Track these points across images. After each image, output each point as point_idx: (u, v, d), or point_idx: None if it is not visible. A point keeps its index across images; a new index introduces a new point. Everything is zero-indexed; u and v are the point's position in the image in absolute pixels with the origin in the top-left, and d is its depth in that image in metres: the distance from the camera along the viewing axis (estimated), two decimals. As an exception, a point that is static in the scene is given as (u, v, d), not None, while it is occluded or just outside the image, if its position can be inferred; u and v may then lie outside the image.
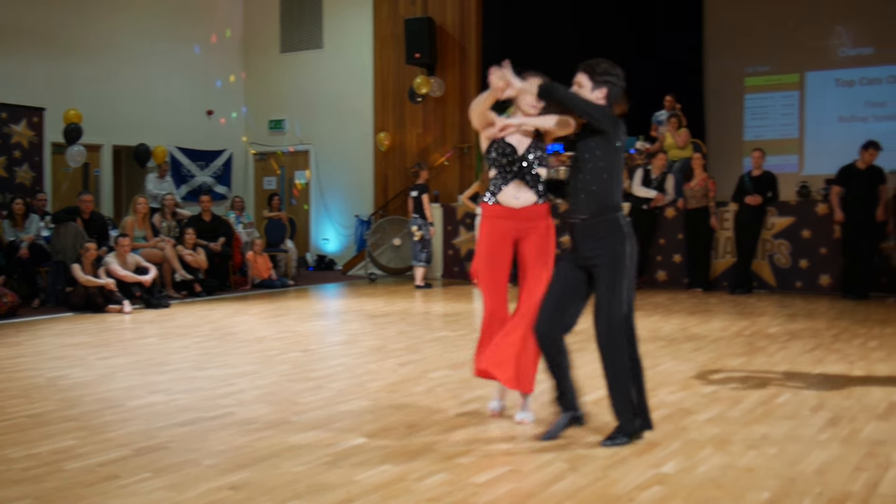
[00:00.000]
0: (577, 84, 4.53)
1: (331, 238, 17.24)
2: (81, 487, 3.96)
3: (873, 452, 4.41)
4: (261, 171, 18.04)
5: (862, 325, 8.75)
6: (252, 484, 3.98)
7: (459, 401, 5.59)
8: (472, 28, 15.56)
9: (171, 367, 6.88)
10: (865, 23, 13.96)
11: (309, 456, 4.41)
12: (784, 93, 14.66)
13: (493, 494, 3.82)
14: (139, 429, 4.97)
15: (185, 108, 16.60)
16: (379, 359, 7.20)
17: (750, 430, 4.81)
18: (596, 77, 4.51)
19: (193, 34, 16.79)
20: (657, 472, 4.11)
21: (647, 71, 14.72)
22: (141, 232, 12.12)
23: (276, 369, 6.76)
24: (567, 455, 4.39)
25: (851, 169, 11.11)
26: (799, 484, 3.94)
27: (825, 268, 11.60)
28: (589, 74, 4.52)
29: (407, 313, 10.20)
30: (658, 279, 12.62)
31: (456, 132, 15.69)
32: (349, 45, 16.80)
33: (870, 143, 11.04)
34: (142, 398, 5.77)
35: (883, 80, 13.94)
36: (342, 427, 4.97)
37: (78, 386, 6.20)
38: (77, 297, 10.48)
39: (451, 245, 14.44)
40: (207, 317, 10.05)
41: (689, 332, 8.42)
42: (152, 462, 4.33)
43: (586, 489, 3.88)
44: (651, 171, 12.48)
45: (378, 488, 3.91)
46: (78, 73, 14.81)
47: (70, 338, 8.52)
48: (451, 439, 4.70)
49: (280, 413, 5.32)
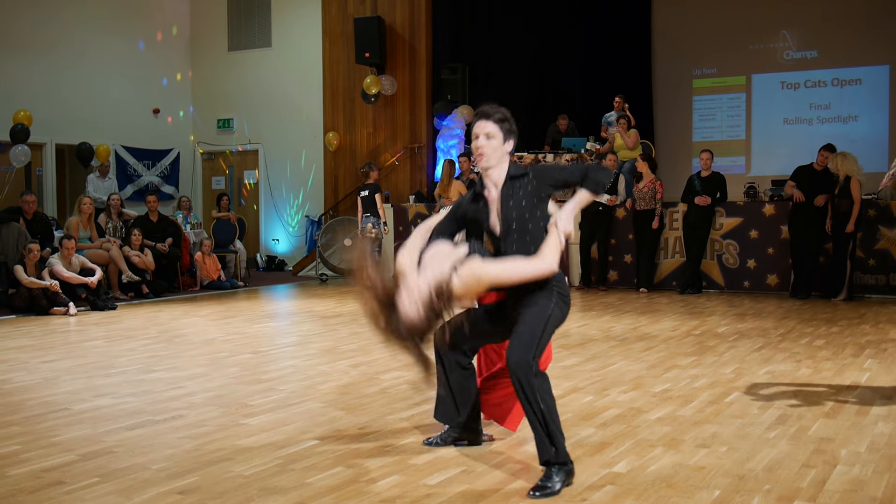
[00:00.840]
0: (485, 135, 4.00)
1: (281, 239, 17.10)
2: (25, 494, 3.87)
3: (821, 449, 4.47)
4: (209, 170, 17.84)
5: (808, 325, 8.89)
6: (202, 488, 3.92)
7: (411, 402, 5.56)
8: (422, 28, 15.54)
9: (118, 370, 6.76)
10: (810, 26, 14.21)
11: (260, 459, 4.36)
12: (731, 95, 14.86)
13: (446, 495, 3.81)
14: (85, 433, 4.87)
15: (131, 107, 16.34)
16: (330, 360, 7.15)
17: (700, 429, 4.85)
18: (505, 128, 4.03)
19: (139, 31, 16.54)
20: (609, 472, 4.13)
21: (597, 72, 14.89)
22: (86, 233, 11.92)
23: (226, 371, 6.68)
24: (520, 456, 4.39)
25: (807, 169, 11.30)
26: (749, 481, 3.98)
27: (772, 268, 11.78)
28: (499, 125, 4.02)
29: (358, 314, 10.08)
30: (609, 279, 12.71)
31: (406, 132, 15.66)
32: (298, 44, 16.67)
33: (826, 146, 11.26)
34: (88, 402, 5.66)
35: (827, 83, 14.19)
36: (294, 429, 4.92)
37: (21, 390, 6.07)
38: (20, 299, 10.26)
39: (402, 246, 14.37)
40: (155, 319, 9.90)
41: (640, 332, 8.49)
42: (99, 467, 4.24)
43: (540, 489, 3.88)
44: (601, 172, 12.54)
45: (331, 490, 3.88)
46: (20, 70, 14.49)
47: (12, 341, 8.34)
48: (403, 441, 4.67)
49: (230, 416, 5.25)
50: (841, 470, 4.14)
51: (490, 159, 4.02)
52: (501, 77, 15.22)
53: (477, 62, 15.37)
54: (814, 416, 5.14)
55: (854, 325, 8.80)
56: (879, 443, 4.59)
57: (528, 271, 3.90)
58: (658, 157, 13.58)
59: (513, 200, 4.01)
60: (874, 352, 7.31)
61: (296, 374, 6.59)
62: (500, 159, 4.04)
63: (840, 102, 14.13)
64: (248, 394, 5.87)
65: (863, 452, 4.42)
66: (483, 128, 4.02)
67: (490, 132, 4.01)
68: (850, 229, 10.73)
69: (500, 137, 4.02)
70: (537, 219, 4.01)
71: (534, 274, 3.91)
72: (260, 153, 17.16)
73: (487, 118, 4.04)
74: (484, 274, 3.87)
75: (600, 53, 14.89)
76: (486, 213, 4.10)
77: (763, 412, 5.24)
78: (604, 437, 4.70)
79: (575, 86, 15.15)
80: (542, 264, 3.90)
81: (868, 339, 7.98)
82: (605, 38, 14.91)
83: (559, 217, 3.95)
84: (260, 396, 5.78)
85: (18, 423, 5.10)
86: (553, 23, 15.03)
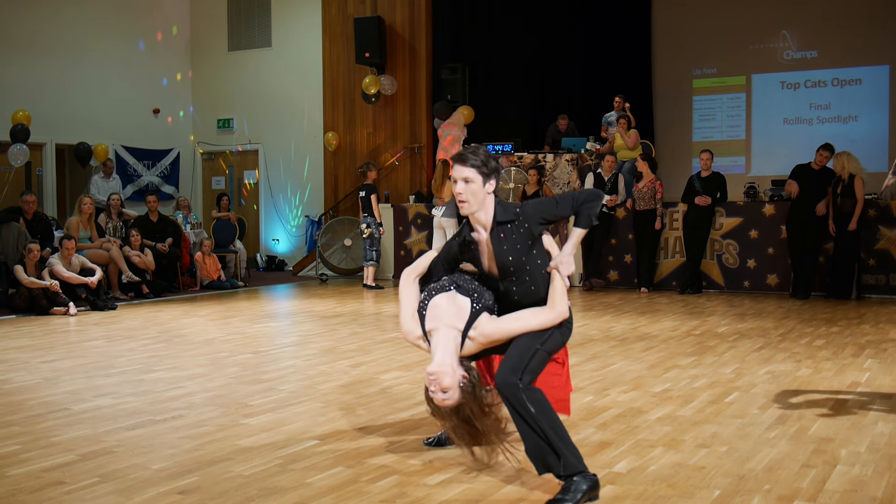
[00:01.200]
0: (463, 180, 3.87)
1: (281, 239, 17.10)
2: (25, 494, 3.87)
3: (821, 449, 4.47)
4: (209, 170, 17.84)
5: (808, 325, 8.89)
6: (202, 488, 3.92)
7: (411, 402, 5.56)
8: (422, 28, 15.54)
9: (118, 370, 6.76)
10: (810, 26, 14.21)
11: (260, 459, 4.35)
12: (731, 95, 14.87)
13: (446, 496, 3.80)
14: (85, 433, 4.87)
15: (131, 107, 16.35)
16: (330, 360, 7.15)
17: (700, 429, 4.85)
18: (483, 171, 3.89)
19: (139, 31, 16.55)
20: (609, 472, 4.13)
21: (597, 72, 14.90)
22: (86, 233, 11.92)
23: (226, 371, 6.68)
24: (519, 456, 4.39)
25: (806, 168, 11.30)
26: (749, 481, 3.98)
27: (772, 268, 11.77)
28: (476, 169, 3.88)
29: (358, 314, 10.15)
30: (609, 279, 12.72)
31: (406, 132, 15.66)
32: (298, 44, 16.68)
33: (825, 145, 11.25)
34: (88, 402, 5.66)
35: (827, 83, 14.20)
36: (294, 429, 4.92)
37: (20, 390, 6.07)
38: (20, 299, 10.26)
39: (402, 246, 14.40)
40: (155, 319, 9.90)
41: (640, 332, 8.49)
42: (99, 467, 4.24)
43: (538, 490, 3.88)
44: (602, 173, 12.57)
45: (330, 491, 3.87)
46: (20, 70, 14.50)
47: (12, 341, 8.34)
48: (403, 441, 4.67)
49: (230, 416, 5.25)
50: (841, 470, 4.14)
51: (472, 205, 3.91)
52: (501, 77, 15.23)
53: (477, 62, 15.37)
54: (814, 416, 5.14)
55: (854, 325, 8.80)
56: (879, 443, 4.59)
57: (542, 323, 3.86)
58: (658, 157, 13.58)
59: (506, 245, 3.90)
60: (874, 352, 7.30)
61: (296, 374, 6.59)
62: (482, 203, 3.92)
63: (840, 102, 14.14)
64: (248, 394, 5.87)
65: (863, 452, 4.41)
66: (460, 173, 3.91)
67: (468, 177, 3.89)
68: (853, 227, 10.73)
69: (479, 181, 3.89)
70: (534, 257, 3.93)
71: (548, 324, 3.86)
72: (260, 153, 17.17)
73: (464, 163, 3.91)
74: (497, 334, 3.85)
75: (600, 53, 14.90)
76: (478, 257, 4.02)
77: (763, 412, 5.24)
78: (604, 437, 4.70)
79: (575, 86, 15.14)
80: (553, 315, 3.86)
81: (868, 339, 7.98)
82: (605, 38, 14.92)
83: (560, 261, 3.90)
84: (260, 396, 5.78)
85: (18, 423, 5.10)
86: (553, 23, 15.04)
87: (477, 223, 3.98)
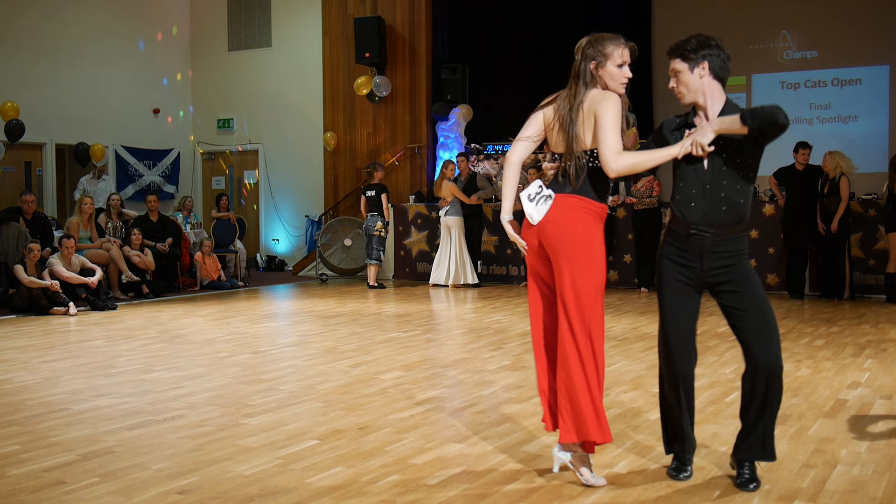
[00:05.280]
0: (672, 72, 3.95)
1: (281, 239, 17.10)
2: (25, 494, 3.87)
3: (821, 449, 4.47)
4: (209, 170, 17.84)
5: (808, 325, 8.89)
6: (202, 488, 3.92)
7: (411, 402, 5.56)
8: (423, 28, 15.53)
9: (118, 370, 6.76)
10: (810, 26, 14.21)
11: (260, 459, 4.36)
12: (731, 95, 14.55)
13: (446, 496, 3.81)
14: (85, 433, 4.87)
15: (131, 107, 16.35)
16: (330, 360, 7.15)
17: (700, 429, 4.85)
18: (690, 55, 3.89)
19: (139, 31, 16.55)
20: (609, 472, 4.13)
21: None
22: (86, 233, 11.92)
23: (226, 371, 6.68)
24: (519, 456, 4.39)
25: (790, 170, 11.29)
26: (749, 481, 3.98)
27: (772, 268, 11.77)
28: (682, 57, 3.91)
29: (359, 314, 10.15)
30: (610, 279, 12.71)
31: (406, 132, 15.65)
32: (298, 44, 16.67)
33: (799, 143, 11.23)
34: (88, 402, 5.66)
35: (827, 83, 14.19)
36: (294, 429, 4.92)
37: (20, 390, 6.07)
38: (20, 299, 10.26)
39: (402, 246, 14.40)
40: (155, 318, 9.90)
41: (640, 332, 8.49)
42: (99, 467, 4.24)
43: (538, 490, 3.88)
44: (603, 172, 12.57)
45: (331, 491, 3.88)
46: (21, 70, 14.50)
47: (13, 341, 8.34)
48: (403, 441, 4.67)
49: (230, 416, 5.25)
50: (841, 470, 4.14)
51: (686, 95, 3.97)
52: (501, 77, 15.22)
53: (477, 62, 15.37)
54: (814, 416, 5.14)
55: (854, 325, 8.80)
56: (879, 443, 4.59)
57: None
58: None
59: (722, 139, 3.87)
60: (874, 352, 7.31)
61: (296, 374, 6.59)
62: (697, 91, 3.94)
63: (840, 102, 14.13)
64: (248, 394, 5.87)
65: (863, 452, 4.42)
66: (670, 66, 3.97)
67: (674, 68, 3.96)
68: (835, 228, 10.72)
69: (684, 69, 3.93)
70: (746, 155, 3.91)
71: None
72: (260, 153, 17.16)
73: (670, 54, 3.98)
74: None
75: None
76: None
77: (763, 412, 5.23)
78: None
79: (575, 86, 15.10)
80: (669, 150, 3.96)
81: (868, 339, 7.98)
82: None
83: (701, 126, 3.90)
84: (260, 396, 5.78)
85: (18, 423, 5.10)
86: (553, 23, 15.02)
87: (700, 110, 4.01)
